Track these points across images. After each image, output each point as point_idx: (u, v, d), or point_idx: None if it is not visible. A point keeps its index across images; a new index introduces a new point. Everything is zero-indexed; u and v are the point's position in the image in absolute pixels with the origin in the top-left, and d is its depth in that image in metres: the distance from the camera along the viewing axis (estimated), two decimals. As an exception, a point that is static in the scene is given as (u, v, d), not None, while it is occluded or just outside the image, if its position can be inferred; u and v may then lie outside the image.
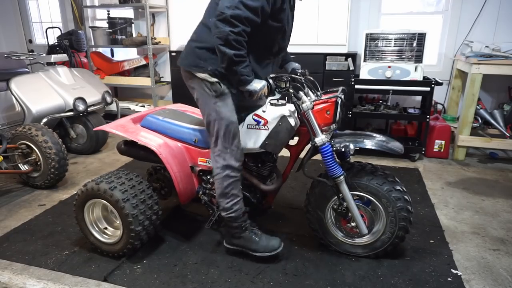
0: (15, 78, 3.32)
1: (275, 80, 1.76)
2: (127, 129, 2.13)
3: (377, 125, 4.25)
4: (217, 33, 1.57)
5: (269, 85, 1.73)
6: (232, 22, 1.54)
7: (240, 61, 1.62)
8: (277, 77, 1.77)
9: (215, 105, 1.81)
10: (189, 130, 2.10)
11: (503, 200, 2.68)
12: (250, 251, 1.94)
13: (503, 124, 3.50)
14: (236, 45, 1.57)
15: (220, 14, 1.55)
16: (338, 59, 3.96)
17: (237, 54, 1.59)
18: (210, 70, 1.77)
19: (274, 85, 1.74)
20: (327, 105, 1.82)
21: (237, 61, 1.61)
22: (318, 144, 1.80)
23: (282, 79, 1.76)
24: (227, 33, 1.54)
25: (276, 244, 1.93)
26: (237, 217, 1.90)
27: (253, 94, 1.69)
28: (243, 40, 1.59)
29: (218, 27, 1.56)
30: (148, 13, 4.38)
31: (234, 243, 1.98)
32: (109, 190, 1.84)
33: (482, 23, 3.79)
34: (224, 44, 1.57)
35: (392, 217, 1.84)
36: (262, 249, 1.92)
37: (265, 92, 1.73)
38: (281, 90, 1.77)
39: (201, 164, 2.10)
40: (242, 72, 1.64)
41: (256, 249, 1.93)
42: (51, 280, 1.84)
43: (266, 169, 2.07)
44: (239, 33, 1.56)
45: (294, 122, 1.88)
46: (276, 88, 1.76)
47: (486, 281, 1.82)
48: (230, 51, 1.57)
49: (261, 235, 1.95)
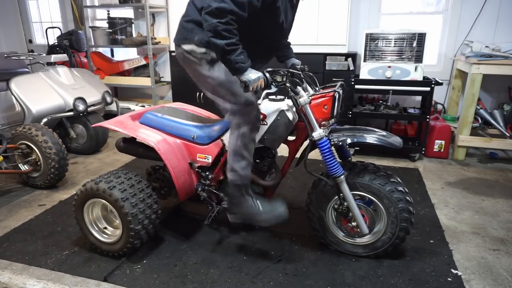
0: (15, 78, 3.32)
1: (271, 74, 1.74)
2: (126, 126, 2.13)
3: (377, 125, 4.25)
4: (206, 26, 1.59)
5: (266, 79, 1.71)
6: (218, 14, 1.56)
7: (233, 49, 1.61)
8: (274, 71, 1.75)
9: (209, 72, 1.82)
10: (188, 127, 2.10)
11: (503, 200, 2.68)
12: (254, 220, 1.91)
13: (503, 124, 3.50)
14: (227, 35, 1.58)
15: (207, 7, 1.57)
16: (338, 59, 3.96)
17: (229, 43, 1.59)
18: (196, 40, 1.79)
19: (270, 78, 1.72)
20: (324, 99, 1.81)
21: (230, 50, 1.60)
22: (316, 138, 1.79)
23: (278, 73, 1.74)
24: (215, 24, 1.56)
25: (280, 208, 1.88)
26: (241, 185, 1.88)
27: (248, 85, 1.64)
28: (232, 28, 1.59)
29: (206, 20, 1.58)
30: (148, 13, 4.38)
31: (236, 211, 1.94)
32: (108, 190, 1.84)
33: (482, 23, 3.79)
34: (214, 35, 1.58)
35: (394, 218, 1.84)
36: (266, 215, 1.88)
37: (261, 84, 1.69)
38: (278, 84, 1.75)
39: (200, 160, 2.10)
40: (237, 60, 1.63)
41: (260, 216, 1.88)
42: (51, 280, 1.84)
43: (265, 164, 2.07)
44: (227, 22, 1.57)
45: (292, 116, 1.88)
46: (272, 82, 1.74)
47: (486, 281, 1.82)
48: (222, 42, 1.58)
49: (263, 203, 1.92)
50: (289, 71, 1.79)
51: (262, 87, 1.70)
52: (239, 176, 1.87)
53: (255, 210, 1.90)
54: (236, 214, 1.99)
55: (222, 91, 1.83)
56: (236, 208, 1.95)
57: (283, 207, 1.89)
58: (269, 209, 1.89)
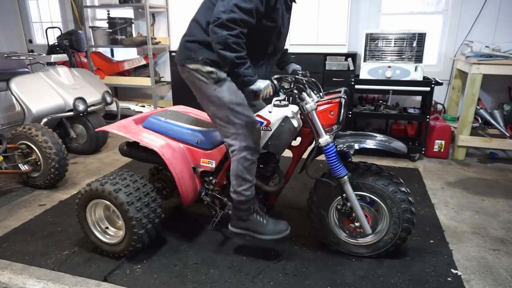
0: (15, 78, 3.32)
1: (279, 80, 1.76)
2: (129, 130, 2.13)
3: (377, 125, 4.25)
4: (215, 39, 1.58)
5: (274, 86, 1.73)
6: (229, 25, 1.56)
7: (242, 62, 1.62)
8: (281, 78, 1.77)
9: (215, 91, 1.80)
10: (191, 131, 2.10)
11: (503, 200, 2.68)
12: (257, 234, 1.91)
13: (503, 124, 3.50)
14: (236, 48, 1.59)
15: (216, 19, 1.57)
16: (338, 59, 3.96)
17: (238, 56, 1.60)
18: (201, 60, 1.78)
19: (278, 85, 1.74)
20: (331, 105, 1.82)
21: (239, 63, 1.61)
22: (323, 144, 1.80)
23: (286, 80, 1.77)
24: (226, 37, 1.56)
25: (283, 227, 1.91)
26: (246, 201, 1.88)
27: (258, 94, 1.68)
28: (241, 42, 1.61)
29: (215, 32, 1.57)
30: (148, 13, 4.38)
31: (241, 226, 1.94)
32: (114, 192, 1.83)
33: (482, 23, 3.79)
34: (224, 48, 1.58)
35: (396, 218, 1.84)
36: (270, 232, 1.90)
37: (269, 92, 1.72)
38: (286, 91, 1.77)
39: (203, 165, 2.10)
40: (245, 73, 1.64)
41: (264, 232, 1.90)
42: (51, 280, 1.84)
43: (268, 170, 2.07)
44: (237, 35, 1.58)
45: (297, 123, 1.88)
46: (280, 89, 1.76)
47: (486, 281, 1.82)
48: (231, 54, 1.58)
49: (269, 219, 1.93)
50: (294, 77, 1.80)
51: (271, 95, 1.71)
52: (243, 197, 1.88)
53: (259, 225, 1.91)
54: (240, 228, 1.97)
55: (226, 112, 1.81)
56: (240, 222, 1.95)
57: (285, 225, 1.93)
58: (273, 225, 1.91)
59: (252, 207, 1.91)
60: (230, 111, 1.80)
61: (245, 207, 1.90)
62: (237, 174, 1.85)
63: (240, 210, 1.91)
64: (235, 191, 1.88)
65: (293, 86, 1.77)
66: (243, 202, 1.89)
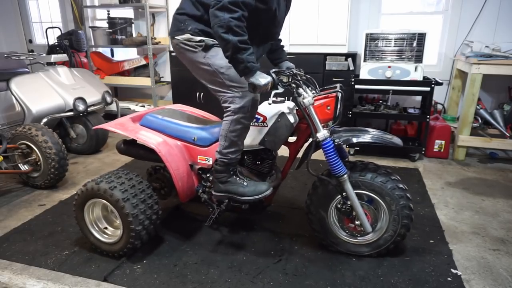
0: (15, 78, 3.32)
1: (277, 74, 1.75)
2: (126, 128, 2.14)
3: (377, 125, 4.25)
4: (217, 22, 1.55)
5: (273, 79, 1.72)
6: (231, 8, 1.53)
7: (245, 48, 1.58)
8: (280, 72, 1.76)
9: (205, 59, 1.81)
10: (188, 129, 2.11)
11: (503, 200, 2.68)
12: (238, 196, 1.90)
13: (503, 124, 3.50)
14: (239, 31, 1.55)
15: (217, 2, 1.55)
16: (338, 59, 3.96)
17: (241, 40, 1.56)
18: (190, 30, 1.79)
19: (277, 79, 1.73)
20: (327, 100, 1.83)
21: (242, 48, 1.57)
22: (320, 139, 1.80)
23: (284, 74, 1.76)
24: (228, 19, 1.53)
25: (264, 187, 1.89)
26: (229, 163, 1.88)
27: (257, 88, 1.64)
28: (243, 25, 1.58)
29: (217, 16, 1.55)
30: (148, 13, 4.38)
31: (222, 189, 1.94)
32: (109, 190, 1.84)
33: (482, 23, 3.79)
34: (226, 31, 1.54)
35: (395, 215, 1.84)
36: (250, 192, 1.88)
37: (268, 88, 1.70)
38: (284, 85, 1.77)
39: (201, 162, 2.10)
40: (248, 59, 1.59)
41: (244, 192, 1.89)
42: (51, 280, 1.84)
43: (265, 166, 2.07)
44: (239, 18, 1.55)
45: (293, 118, 1.88)
46: (279, 82, 1.75)
47: (486, 281, 1.82)
48: (234, 38, 1.54)
49: (250, 181, 1.93)
50: (292, 71, 1.80)
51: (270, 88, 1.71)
52: (227, 159, 1.87)
53: (239, 186, 1.90)
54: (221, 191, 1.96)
55: (220, 77, 1.80)
56: (222, 185, 1.94)
57: (267, 185, 1.90)
58: (253, 186, 1.90)
59: (232, 169, 1.91)
60: (222, 75, 1.79)
61: (225, 169, 1.89)
62: (226, 135, 1.84)
63: (220, 171, 1.91)
64: (221, 152, 1.88)
65: (291, 80, 1.77)
66: (225, 164, 1.88)
